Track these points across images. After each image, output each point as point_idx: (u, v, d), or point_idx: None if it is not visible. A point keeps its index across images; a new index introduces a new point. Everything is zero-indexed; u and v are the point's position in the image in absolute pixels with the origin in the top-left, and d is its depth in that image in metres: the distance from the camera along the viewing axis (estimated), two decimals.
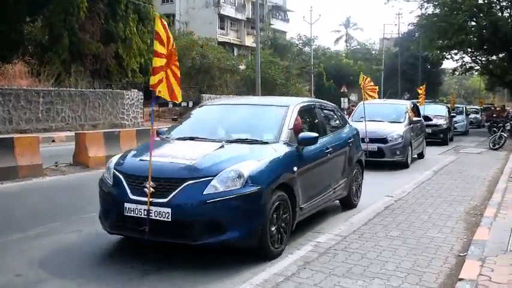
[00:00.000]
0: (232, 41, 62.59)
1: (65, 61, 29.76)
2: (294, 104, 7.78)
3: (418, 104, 21.48)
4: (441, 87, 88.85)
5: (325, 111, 9.02)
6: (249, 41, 62.27)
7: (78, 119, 26.67)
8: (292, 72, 48.31)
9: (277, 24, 69.00)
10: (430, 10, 38.58)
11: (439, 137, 24.09)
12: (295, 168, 6.67)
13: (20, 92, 23.72)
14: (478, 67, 45.02)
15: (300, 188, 6.80)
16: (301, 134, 7.12)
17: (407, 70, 68.39)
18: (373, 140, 14.95)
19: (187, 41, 43.35)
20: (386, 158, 15.11)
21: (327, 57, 68.95)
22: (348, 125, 9.68)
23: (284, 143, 6.85)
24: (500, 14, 35.03)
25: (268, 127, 7.35)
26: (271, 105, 8.18)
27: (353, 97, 64.25)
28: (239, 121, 7.78)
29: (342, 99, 51.63)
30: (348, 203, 9.27)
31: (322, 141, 7.72)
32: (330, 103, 9.77)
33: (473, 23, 36.59)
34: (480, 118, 46.23)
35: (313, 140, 7.18)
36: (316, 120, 8.41)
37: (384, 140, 15.13)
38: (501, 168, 14.83)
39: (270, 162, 6.33)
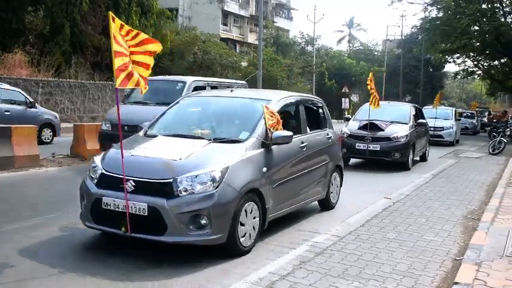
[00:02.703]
0: (235, 38, 62.52)
1: (65, 52, 29.67)
2: None
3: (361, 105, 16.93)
4: (443, 91, 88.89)
5: None
6: (251, 38, 62.18)
7: (77, 110, 26.63)
8: (294, 71, 48.27)
9: (280, 22, 68.91)
10: (434, 13, 38.70)
11: (394, 157, 15.31)
12: None
13: (19, 81, 23.66)
14: (480, 72, 45.11)
15: None
16: None
17: (410, 72, 68.40)
18: (143, 188, 6.12)
19: (190, 36, 43.30)
20: (166, 236, 5.95)
21: (330, 57, 68.90)
22: None
23: None
24: (503, 19, 35.06)
25: None
26: None
27: (354, 98, 64.24)
28: None
29: (342, 99, 51.64)
30: None
31: None
32: None
33: (476, 28, 36.62)
34: (476, 123, 41.17)
35: None
36: None
37: (165, 189, 6.06)
38: (500, 173, 14.81)
39: None
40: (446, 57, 43.76)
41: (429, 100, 55.13)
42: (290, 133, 7.35)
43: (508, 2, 35.28)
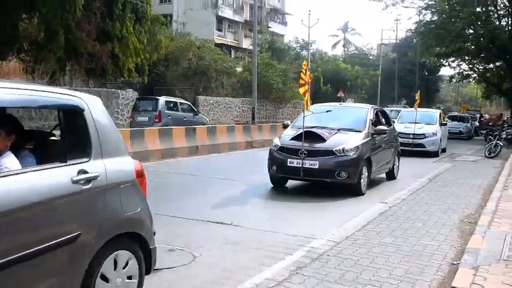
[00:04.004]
0: (229, 43, 62.54)
1: (60, 59, 29.63)
2: None
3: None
4: (438, 94, 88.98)
5: None
6: (246, 43, 62.23)
7: None
8: (290, 75, 48.27)
9: (275, 27, 68.99)
10: (428, 17, 38.75)
11: (338, 178, 11.03)
12: None
13: None
14: (475, 75, 45.23)
15: None
16: None
17: (405, 76, 68.53)
18: None
19: (185, 42, 43.31)
20: None
21: (325, 61, 68.96)
22: None
23: None
24: (497, 22, 35.18)
25: None
26: None
27: (350, 102, 64.28)
28: None
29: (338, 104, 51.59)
30: None
31: None
32: None
33: (471, 31, 36.74)
34: (471, 127, 38.74)
35: None
36: None
37: None
38: (496, 177, 14.80)
39: None
40: (441, 60, 43.88)
41: (424, 103, 55.19)
42: None
43: (502, 5, 35.42)
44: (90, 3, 30.70)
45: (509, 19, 35.31)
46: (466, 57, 41.30)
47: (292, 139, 11.73)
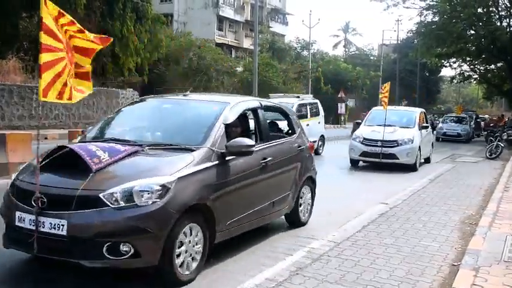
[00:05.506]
0: (230, 43, 62.56)
1: None
2: None
3: None
4: (439, 95, 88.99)
5: None
6: (247, 43, 62.24)
7: (72, 117, 26.54)
8: (290, 75, 48.28)
9: (276, 27, 68.99)
10: (430, 18, 38.73)
11: (111, 256, 4.84)
12: None
13: (13, 87, 23.57)
14: (476, 76, 45.19)
15: None
16: None
17: (406, 77, 68.49)
18: None
19: (185, 42, 43.33)
20: None
21: (325, 61, 68.95)
22: None
23: None
24: (498, 23, 35.16)
25: None
26: None
27: (350, 103, 64.27)
28: None
29: (338, 104, 51.61)
30: None
31: None
32: None
33: (472, 32, 36.74)
34: (470, 130, 35.99)
35: None
36: None
37: None
38: (497, 178, 14.79)
39: None
40: (442, 61, 43.85)
41: (424, 104, 55.17)
42: None
43: (503, 6, 35.41)
44: (90, 2, 30.66)
45: (511, 20, 35.29)
46: (467, 58, 41.29)
47: (41, 166, 5.42)
